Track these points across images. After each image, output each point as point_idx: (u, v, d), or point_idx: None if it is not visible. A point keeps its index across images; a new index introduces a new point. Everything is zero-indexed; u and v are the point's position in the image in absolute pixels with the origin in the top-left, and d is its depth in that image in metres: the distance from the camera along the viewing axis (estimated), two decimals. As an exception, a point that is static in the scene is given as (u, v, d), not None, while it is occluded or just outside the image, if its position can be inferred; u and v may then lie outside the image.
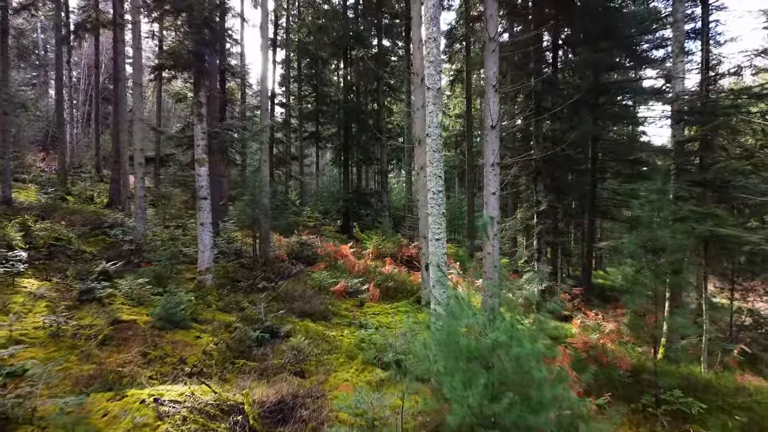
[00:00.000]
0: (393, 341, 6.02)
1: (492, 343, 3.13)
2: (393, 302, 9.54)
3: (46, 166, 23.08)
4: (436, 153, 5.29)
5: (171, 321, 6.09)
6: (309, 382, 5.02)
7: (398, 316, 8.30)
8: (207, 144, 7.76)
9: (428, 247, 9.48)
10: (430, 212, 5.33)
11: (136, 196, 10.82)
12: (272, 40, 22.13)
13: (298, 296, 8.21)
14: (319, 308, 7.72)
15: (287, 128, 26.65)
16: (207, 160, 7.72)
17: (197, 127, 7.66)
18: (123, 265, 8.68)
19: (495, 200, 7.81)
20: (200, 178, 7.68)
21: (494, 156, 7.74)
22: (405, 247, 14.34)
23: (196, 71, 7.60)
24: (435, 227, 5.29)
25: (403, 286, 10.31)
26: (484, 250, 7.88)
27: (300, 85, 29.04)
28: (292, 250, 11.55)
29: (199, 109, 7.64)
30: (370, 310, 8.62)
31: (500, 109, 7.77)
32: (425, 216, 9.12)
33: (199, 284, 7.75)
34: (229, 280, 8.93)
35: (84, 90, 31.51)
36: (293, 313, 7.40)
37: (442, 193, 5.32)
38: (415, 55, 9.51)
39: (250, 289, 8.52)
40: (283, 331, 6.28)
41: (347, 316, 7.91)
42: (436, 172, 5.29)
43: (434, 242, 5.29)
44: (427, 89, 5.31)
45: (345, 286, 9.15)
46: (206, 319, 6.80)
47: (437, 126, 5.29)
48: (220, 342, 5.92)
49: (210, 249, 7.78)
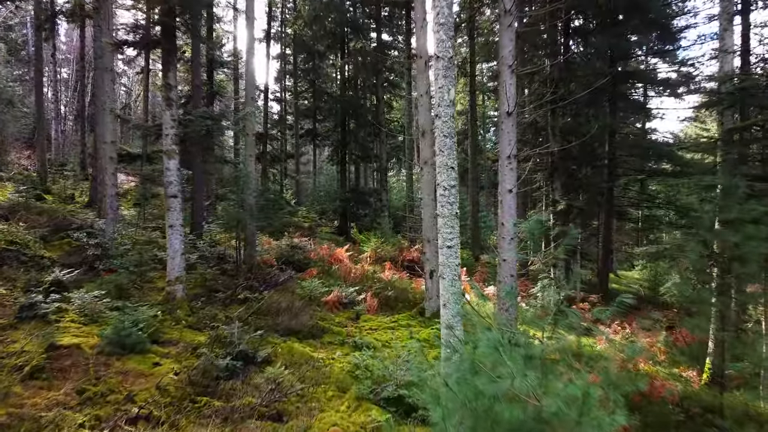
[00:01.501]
0: (393, 369, 4.95)
1: (548, 415, 2.06)
2: (393, 314, 8.47)
3: (30, 164, 22.01)
4: (447, 139, 4.22)
5: (124, 345, 5.02)
6: (286, 429, 3.95)
7: (399, 332, 7.23)
8: (178, 133, 6.69)
9: (433, 251, 8.41)
10: (440, 213, 4.26)
11: (107, 194, 9.75)
12: (266, 31, 21.06)
13: (284, 309, 7.13)
14: (307, 324, 6.65)
15: (282, 125, 25.59)
16: (177, 152, 6.65)
17: (166, 114, 6.59)
18: (84, 272, 7.61)
19: (511, 199, 6.74)
20: (169, 172, 6.61)
21: (511, 147, 6.66)
22: (406, 250, 13.27)
23: (164, 49, 6.53)
24: (446, 231, 4.22)
25: (404, 294, 9.24)
26: (499, 255, 6.80)
27: (296, 81, 27.98)
28: (282, 255, 10.47)
29: (168, 93, 6.56)
30: (367, 324, 7.54)
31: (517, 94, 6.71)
32: (430, 217, 8.05)
33: (167, 296, 6.67)
34: (207, 289, 7.85)
35: (73, 86, 30.44)
36: (276, 330, 6.32)
37: (456, 188, 4.25)
38: (417, 37, 8.46)
39: (229, 301, 7.45)
40: (261, 356, 5.21)
41: (340, 332, 6.83)
42: (448, 162, 4.21)
43: (445, 250, 4.22)
44: (436, 59, 4.24)
45: (338, 296, 8.08)
46: (171, 340, 5.73)
47: (449, 104, 4.22)
48: (182, 371, 4.84)
49: (181, 255, 6.70)
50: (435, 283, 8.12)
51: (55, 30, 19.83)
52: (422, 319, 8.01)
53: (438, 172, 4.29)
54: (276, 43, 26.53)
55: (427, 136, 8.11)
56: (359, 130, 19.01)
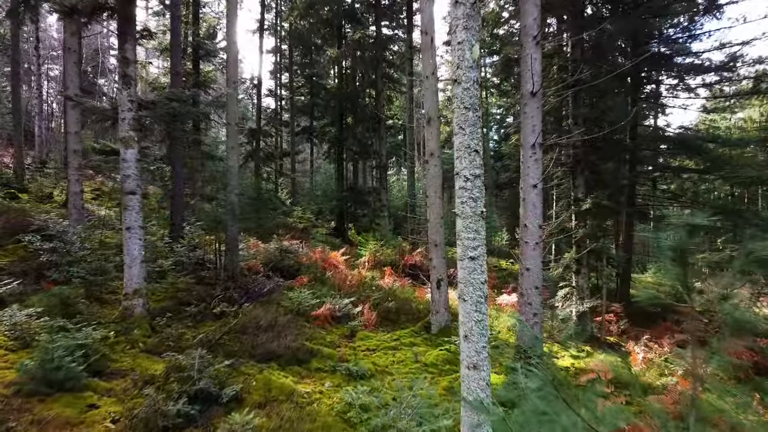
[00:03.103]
0: (396, 413, 3.85)
1: None
2: (394, 329, 7.37)
3: (12, 161, 20.90)
4: (469, 112, 3.12)
5: (51, 381, 3.91)
6: None
7: (402, 353, 6.12)
8: (137, 118, 5.58)
9: (440, 257, 7.31)
10: (460, 212, 3.16)
11: (69, 192, 8.66)
12: (259, 22, 19.95)
13: (266, 327, 6.03)
14: (291, 346, 5.54)
15: (276, 120, 24.49)
16: (136, 140, 5.54)
17: (122, 94, 5.49)
18: (34, 282, 6.52)
19: (536, 196, 5.64)
20: (126, 164, 5.50)
21: (535, 134, 5.57)
22: (407, 254, 12.18)
23: (119, 15, 5.43)
24: (468, 237, 3.12)
25: (406, 305, 8.14)
26: (521, 263, 5.69)
27: (292, 76, 26.90)
28: (270, 259, 9.37)
29: (125, 68, 5.46)
30: (364, 343, 6.44)
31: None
32: (437, 217, 6.95)
33: (124, 313, 5.56)
34: (177, 302, 6.74)
35: (62, 80, 29.31)
36: (253, 356, 5.22)
37: (481, 179, 3.15)
38: (422, 9, 7.36)
39: (201, 316, 6.34)
40: (228, 393, 4.10)
41: (332, 355, 5.72)
42: (471, 143, 3.11)
43: (466, 262, 3.12)
44: (455, 4, 3.14)
45: (331, 310, 6.97)
46: (120, 370, 4.63)
47: (471, 65, 3.12)
48: (123, 417, 3.74)
49: (141, 263, 5.59)
50: (443, 294, 7.03)
51: (37, 20, 18.77)
52: (428, 336, 6.91)
53: (456, 157, 3.19)
54: (270, 35, 25.46)
55: (434, 123, 7.02)
56: (357, 125, 17.92)
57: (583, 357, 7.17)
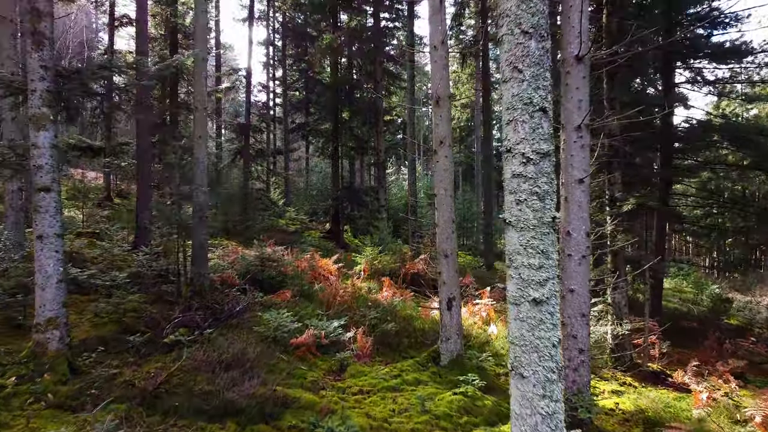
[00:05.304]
0: None
1: None
2: (395, 358, 6.00)
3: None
4: (531, 40, 1.75)
5: None
6: None
7: (405, 397, 4.74)
8: (52, 89, 4.20)
9: (451, 270, 5.93)
10: (513, 219, 1.79)
11: (6, 190, 7.27)
12: (249, 8, 18.56)
13: (230, 362, 4.65)
14: (258, 393, 4.15)
15: (268, 116, 23.11)
16: (51, 118, 4.17)
17: (32, 58, 4.11)
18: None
19: (583, 194, 4.27)
20: (37, 151, 4.12)
21: (583, 112, 4.20)
22: (409, 261, 10.81)
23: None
24: (530, 262, 1.75)
25: (409, 327, 6.76)
26: (562, 284, 4.30)
27: (285, 69, 25.56)
28: (248, 270, 7.98)
29: (36, 24, 4.08)
30: (356, 382, 5.04)
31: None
32: (447, 221, 5.57)
33: (35, 350, 4.16)
34: (121, 329, 5.34)
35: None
36: (203, 411, 3.83)
37: (551, 160, 1.79)
38: (429, -35, 5.98)
39: (148, 349, 4.95)
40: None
41: (312, 404, 4.33)
42: (534, 96, 1.74)
43: (527, 308, 1.75)
44: None
45: (315, 337, 5.58)
46: (2, 443, 3.25)
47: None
48: None
49: (57, 283, 4.20)
50: (455, 316, 5.65)
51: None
52: (436, 369, 5.53)
53: (507, 121, 1.82)
54: (261, 26, 24.17)
55: (444, 104, 5.65)
56: (353, 118, 16.55)
57: (630, 394, 5.80)
